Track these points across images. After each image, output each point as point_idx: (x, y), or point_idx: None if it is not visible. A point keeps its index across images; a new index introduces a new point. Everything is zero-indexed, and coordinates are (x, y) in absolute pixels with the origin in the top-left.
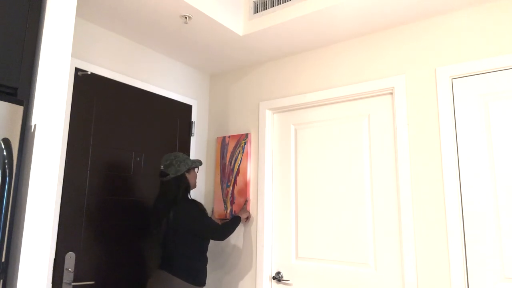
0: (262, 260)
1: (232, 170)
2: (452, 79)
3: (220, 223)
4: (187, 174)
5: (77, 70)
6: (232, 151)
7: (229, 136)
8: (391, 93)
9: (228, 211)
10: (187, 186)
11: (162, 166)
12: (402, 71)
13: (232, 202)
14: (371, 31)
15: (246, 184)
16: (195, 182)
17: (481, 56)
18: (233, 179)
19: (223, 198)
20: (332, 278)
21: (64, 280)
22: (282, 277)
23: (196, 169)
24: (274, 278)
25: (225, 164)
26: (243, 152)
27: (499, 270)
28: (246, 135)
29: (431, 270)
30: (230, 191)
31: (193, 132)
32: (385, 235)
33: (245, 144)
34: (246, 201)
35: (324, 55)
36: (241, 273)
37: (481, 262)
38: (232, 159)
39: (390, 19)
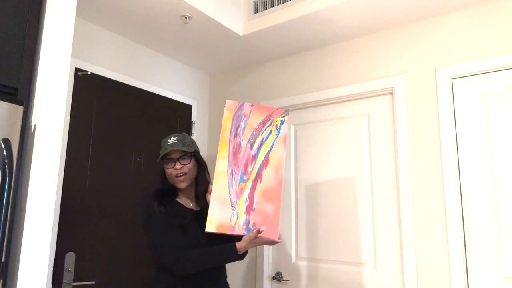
0: (262, 260)
1: (255, 157)
2: (452, 79)
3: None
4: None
5: (77, 70)
6: (257, 129)
7: (251, 105)
8: (391, 93)
9: (241, 222)
10: (163, 180)
11: None
12: (402, 71)
13: (250, 209)
14: (371, 31)
15: (279, 185)
16: (171, 180)
17: (481, 56)
18: (254, 172)
19: (230, 198)
20: (332, 278)
21: (64, 280)
22: (282, 277)
23: (167, 164)
24: (274, 278)
25: (239, 144)
26: (277, 135)
27: (499, 270)
28: (286, 113)
29: (431, 270)
30: (248, 190)
31: (193, 132)
32: (385, 235)
33: (282, 124)
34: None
35: (324, 55)
36: (241, 273)
37: (481, 262)
38: (255, 140)
39: (390, 19)
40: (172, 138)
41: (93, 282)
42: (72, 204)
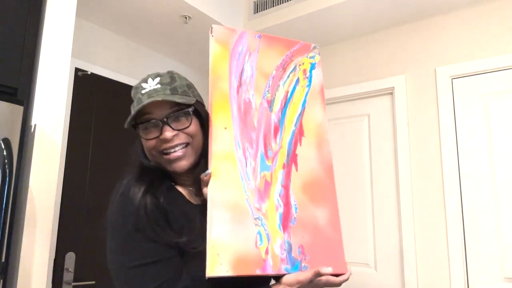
0: None
1: (280, 124)
2: (452, 79)
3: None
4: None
5: (77, 70)
6: (274, 77)
7: (258, 35)
8: (391, 93)
9: (277, 247)
10: (139, 156)
11: None
12: (402, 71)
13: (288, 219)
14: (371, 31)
15: (329, 170)
16: (156, 159)
17: (481, 56)
18: (284, 151)
19: (248, 203)
20: None
21: (64, 280)
22: None
23: (144, 132)
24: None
25: (248, 102)
26: (309, 85)
27: (499, 270)
28: (315, 50)
29: (431, 270)
30: (279, 184)
31: None
32: (385, 235)
33: (312, 68)
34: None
35: (324, 55)
36: None
37: (481, 262)
38: (274, 96)
39: (390, 19)
40: (150, 80)
41: (93, 282)
42: (72, 204)
